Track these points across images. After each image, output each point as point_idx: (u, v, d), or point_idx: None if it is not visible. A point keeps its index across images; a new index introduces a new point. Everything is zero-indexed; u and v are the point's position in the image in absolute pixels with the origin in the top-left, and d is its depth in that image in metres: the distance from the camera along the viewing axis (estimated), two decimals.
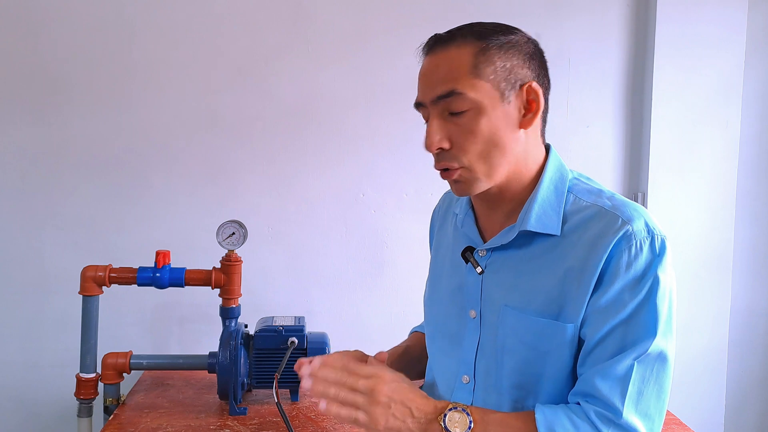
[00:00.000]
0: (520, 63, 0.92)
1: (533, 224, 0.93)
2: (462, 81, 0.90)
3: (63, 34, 1.95)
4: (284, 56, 2.01)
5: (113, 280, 1.53)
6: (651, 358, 0.88)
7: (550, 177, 0.96)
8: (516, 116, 0.92)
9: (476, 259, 1.00)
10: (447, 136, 0.92)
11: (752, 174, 2.16)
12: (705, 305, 2.11)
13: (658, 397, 0.89)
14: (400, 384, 0.89)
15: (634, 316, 0.88)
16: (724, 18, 2.04)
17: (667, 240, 0.91)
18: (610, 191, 0.96)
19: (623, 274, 0.88)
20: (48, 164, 1.98)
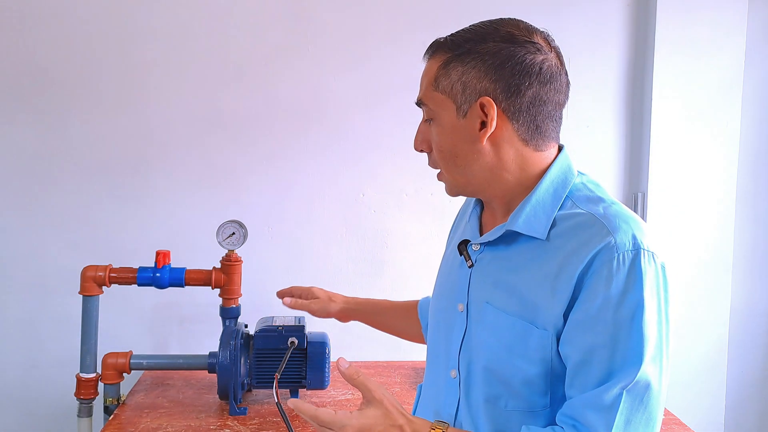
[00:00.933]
0: (479, 76, 0.90)
1: (520, 225, 0.92)
2: (427, 92, 0.95)
3: (63, 35, 1.95)
4: (284, 56, 2.01)
5: (113, 280, 1.53)
6: (639, 387, 0.85)
7: (551, 180, 0.94)
8: (476, 130, 0.91)
9: (469, 252, 1.00)
10: (427, 141, 0.98)
11: (752, 174, 2.16)
12: (705, 305, 2.11)
13: (647, 426, 0.86)
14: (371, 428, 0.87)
15: (618, 340, 0.85)
16: (724, 18, 2.04)
17: (658, 257, 0.87)
18: (611, 200, 0.93)
19: (603, 289, 0.84)
20: (48, 164, 1.98)
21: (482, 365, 0.95)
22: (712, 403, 2.14)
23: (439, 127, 0.94)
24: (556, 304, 0.88)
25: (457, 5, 2.04)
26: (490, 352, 0.94)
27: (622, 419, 0.84)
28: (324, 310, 1.39)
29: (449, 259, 1.10)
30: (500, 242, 0.97)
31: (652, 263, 0.86)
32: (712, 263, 2.11)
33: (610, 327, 0.85)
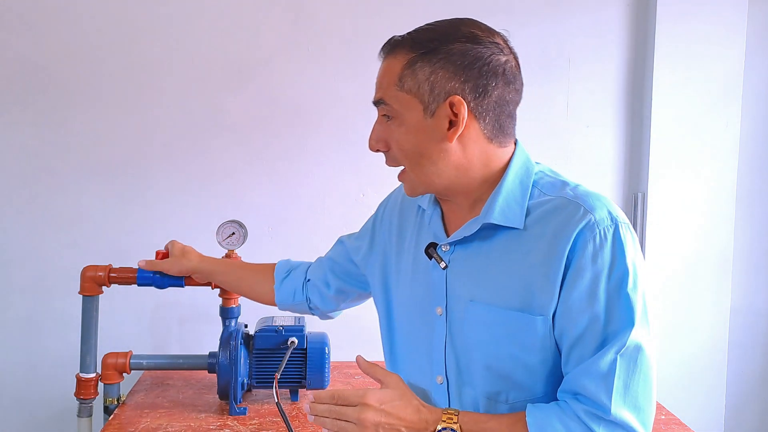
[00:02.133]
0: (447, 75, 0.91)
1: (496, 217, 0.93)
2: (388, 91, 0.94)
3: (63, 35, 1.95)
4: (284, 56, 2.01)
5: (113, 280, 1.52)
6: (632, 350, 0.88)
7: (515, 172, 0.96)
8: (444, 129, 0.92)
9: (439, 254, 1.00)
10: (384, 140, 0.97)
11: (752, 174, 2.16)
12: (705, 305, 2.11)
13: (644, 387, 0.89)
14: (389, 404, 0.91)
15: (610, 309, 0.88)
16: (724, 18, 2.04)
17: (630, 226, 0.91)
18: (574, 183, 0.96)
19: (590, 265, 0.88)
20: (48, 164, 1.98)
21: (481, 364, 0.95)
22: (712, 403, 2.14)
23: (403, 127, 0.93)
24: (549, 288, 0.90)
25: (458, 6, 2.04)
26: (488, 349, 0.94)
27: (621, 383, 0.87)
28: (177, 266, 1.40)
29: (409, 264, 1.08)
30: (474, 238, 0.97)
31: (628, 233, 0.90)
32: (712, 263, 2.11)
33: (602, 300, 0.88)
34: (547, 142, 2.07)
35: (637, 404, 0.88)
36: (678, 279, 2.10)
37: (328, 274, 1.30)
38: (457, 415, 0.91)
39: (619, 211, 0.92)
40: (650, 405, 0.90)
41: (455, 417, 0.91)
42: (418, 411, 0.92)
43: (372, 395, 0.91)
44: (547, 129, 2.08)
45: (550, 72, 2.06)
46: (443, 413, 0.91)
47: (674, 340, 2.11)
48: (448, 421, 0.90)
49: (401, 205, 1.15)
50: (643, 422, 0.89)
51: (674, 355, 2.11)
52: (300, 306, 1.36)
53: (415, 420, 0.91)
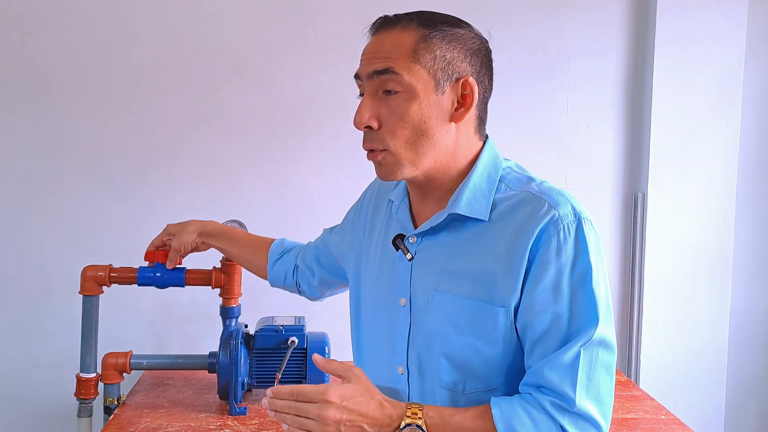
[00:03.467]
0: (460, 56, 0.92)
1: (463, 208, 0.94)
2: (399, 62, 0.90)
3: (63, 34, 1.95)
4: (284, 56, 2.01)
5: (113, 280, 1.52)
6: (595, 344, 0.89)
7: (484, 165, 0.97)
8: (448, 108, 0.93)
9: (406, 246, 1.00)
10: (376, 116, 0.93)
11: (752, 174, 2.16)
12: (705, 305, 2.11)
13: (606, 380, 0.90)
14: (351, 401, 0.88)
15: (574, 304, 0.89)
16: (724, 18, 2.04)
17: (593, 224, 0.92)
18: (540, 179, 0.97)
19: (555, 259, 0.89)
20: (48, 164, 1.98)
21: (439, 353, 0.95)
22: (712, 403, 2.14)
23: (412, 101, 0.91)
24: (512, 280, 0.90)
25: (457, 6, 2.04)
26: (448, 339, 0.95)
27: (584, 376, 0.88)
28: (181, 242, 1.40)
29: (374, 254, 1.08)
30: (441, 230, 0.98)
31: (591, 230, 0.91)
32: (712, 263, 2.11)
33: (566, 295, 0.89)
34: (547, 142, 2.07)
35: (599, 397, 0.89)
36: (678, 279, 2.10)
37: (313, 263, 1.33)
38: (421, 409, 0.89)
39: (583, 207, 0.93)
40: (610, 398, 0.91)
41: (419, 412, 0.89)
42: (381, 406, 0.89)
43: (333, 391, 0.88)
44: (547, 129, 2.08)
45: (550, 72, 2.06)
46: (407, 408, 0.89)
47: (674, 340, 2.11)
48: (413, 417, 0.88)
49: (376, 198, 1.16)
50: (604, 414, 0.90)
51: (674, 355, 2.11)
52: (290, 288, 1.41)
53: (377, 416, 0.88)
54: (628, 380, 1.79)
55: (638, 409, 1.58)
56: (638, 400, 1.64)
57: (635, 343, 2.11)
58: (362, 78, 0.94)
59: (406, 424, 0.88)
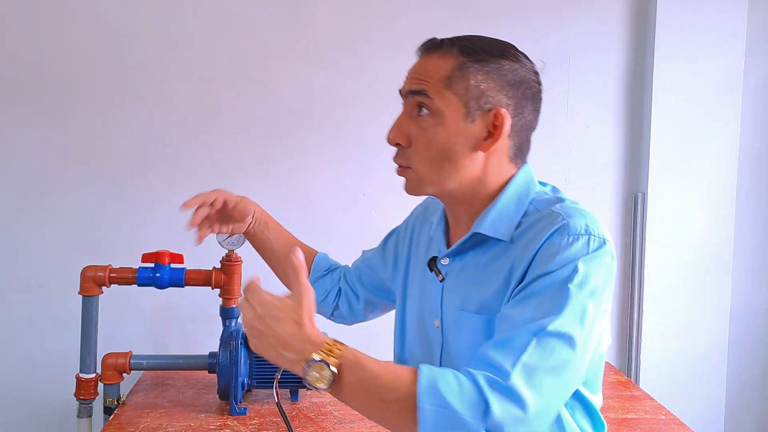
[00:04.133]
0: (496, 87, 0.93)
1: (486, 227, 0.95)
2: (433, 86, 0.93)
3: (63, 35, 1.95)
4: (284, 56, 2.01)
5: (113, 280, 1.52)
6: (553, 336, 0.81)
7: (514, 189, 0.97)
8: (477, 137, 0.93)
9: (439, 267, 1.02)
10: (407, 134, 0.96)
11: (752, 174, 2.16)
12: (705, 305, 2.11)
13: (555, 378, 0.81)
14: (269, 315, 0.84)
15: (546, 295, 0.84)
16: (724, 18, 2.04)
17: (609, 245, 0.88)
18: (571, 201, 0.95)
19: (548, 259, 0.86)
20: (48, 164, 1.98)
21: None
22: (712, 403, 2.14)
23: (439, 126, 0.93)
24: (509, 290, 0.90)
25: (458, 5, 2.04)
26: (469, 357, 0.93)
27: (531, 363, 0.80)
28: (241, 202, 1.27)
29: (417, 278, 1.09)
30: (468, 251, 0.98)
31: (602, 248, 0.87)
32: (712, 263, 2.11)
33: (542, 285, 0.85)
34: (547, 142, 2.07)
35: (540, 389, 0.80)
36: (678, 279, 2.10)
37: (356, 285, 1.29)
38: (340, 349, 0.83)
39: (602, 230, 0.89)
40: (554, 398, 0.82)
41: (337, 350, 0.82)
42: (297, 333, 0.83)
43: (258, 297, 0.85)
44: (547, 129, 2.07)
45: (550, 72, 2.06)
46: (325, 343, 0.82)
47: (674, 340, 2.11)
48: (327, 353, 0.81)
49: (421, 220, 1.18)
50: (537, 406, 0.79)
51: (674, 355, 2.11)
52: (323, 309, 1.32)
53: (287, 339, 0.83)
54: (628, 380, 1.79)
55: (638, 409, 1.58)
56: (638, 400, 1.64)
57: (635, 343, 2.11)
58: (403, 95, 0.98)
59: (314, 359, 0.81)
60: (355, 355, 0.83)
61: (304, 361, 0.81)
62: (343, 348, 0.83)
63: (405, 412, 0.79)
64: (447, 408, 0.77)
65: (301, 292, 0.86)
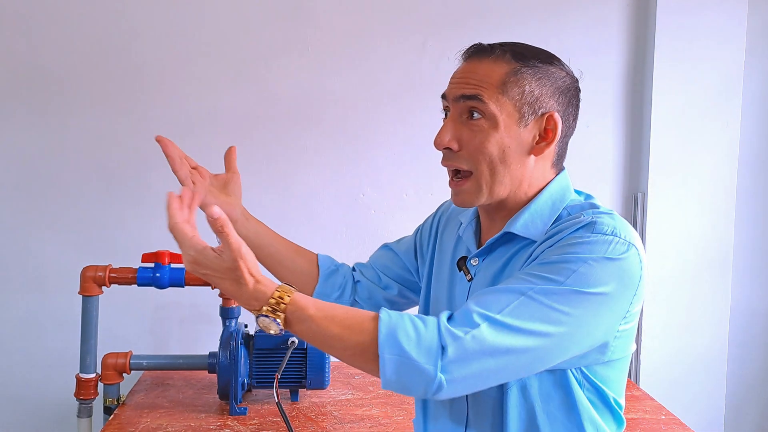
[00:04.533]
0: (548, 93, 0.94)
1: (518, 228, 0.95)
2: (488, 91, 0.92)
3: (62, 34, 1.95)
4: (284, 56, 2.01)
5: (113, 280, 1.53)
6: (536, 303, 0.82)
7: (550, 194, 0.97)
8: (529, 141, 0.94)
9: (468, 267, 1.01)
10: (457, 139, 0.94)
11: (752, 174, 2.16)
12: (705, 305, 2.11)
13: (518, 339, 0.81)
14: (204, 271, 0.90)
15: (550, 268, 0.85)
16: (725, 18, 2.04)
17: (635, 251, 0.86)
18: (606, 209, 0.94)
19: (567, 246, 0.86)
20: (48, 164, 1.98)
21: None
22: (712, 403, 2.14)
23: (494, 131, 0.92)
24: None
25: (458, 5, 2.04)
26: None
27: (501, 319, 0.82)
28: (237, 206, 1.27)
29: (445, 277, 1.09)
30: (497, 251, 0.98)
31: (625, 253, 0.86)
32: (712, 263, 2.11)
33: (549, 265, 0.85)
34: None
35: (497, 337, 0.81)
36: (678, 279, 2.10)
37: (387, 280, 1.25)
38: (287, 302, 0.84)
39: (633, 237, 0.88)
40: (506, 356, 0.82)
41: (283, 305, 0.84)
42: (238, 291, 0.86)
43: (195, 255, 0.92)
44: None
45: None
46: (271, 297, 0.84)
47: (674, 340, 2.11)
48: (273, 307, 0.84)
49: (447, 218, 1.17)
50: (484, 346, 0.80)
51: (674, 355, 2.11)
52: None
53: (232, 293, 0.87)
54: (628, 380, 1.79)
55: (638, 409, 1.58)
56: (638, 400, 1.64)
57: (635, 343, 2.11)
58: (448, 99, 0.96)
59: (261, 313, 0.84)
60: (303, 306, 0.85)
61: (252, 311, 0.86)
62: (290, 300, 0.84)
63: (365, 357, 0.83)
64: (405, 356, 0.80)
65: (234, 250, 0.87)
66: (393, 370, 0.81)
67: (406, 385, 0.82)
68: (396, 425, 1.48)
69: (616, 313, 0.87)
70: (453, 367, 0.80)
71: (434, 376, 0.80)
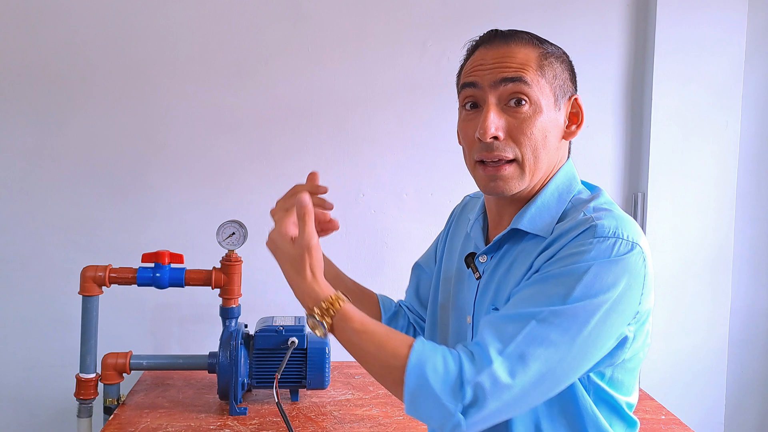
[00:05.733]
0: (568, 76, 0.96)
1: (525, 224, 0.94)
2: (530, 73, 0.90)
3: (63, 34, 1.95)
4: (284, 56, 2.01)
5: (113, 280, 1.52)
6: (547, 326, 0.81)
7: (557, 185, 0.96)
8: (562, 126, 0.95)
9: (476, 264, 1.00)
10: (503, 127, 0.91)
11: (752, 174, 2.16)
12: (705, 305, 2.11)
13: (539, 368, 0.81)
14: (277, 251, 0.94)
15: (553, 284, 0.84)
16: (724, 19, 2.04)
17: (639, 250, 0.85)
18: (609, 202, 0.94)
19: (569, 257, 0.85)
20: (48, 164, 1.98)
21: None
22: (712, 403, 2.14)
23: (538, 115, 0.91)
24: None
25: (457, 6, 2.04)
26: None
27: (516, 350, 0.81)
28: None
29: (453, 272, 1.08)
30: (504, 247, 0.97)
31: (629, 252, 0.85)
32: (712, 263, 2.11)
33: (553, 280, 0.85)
34: None
35: (523, 376, 0.80)
36: (678, 279, 2.10)
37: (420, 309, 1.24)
38: (337, 309, 0.87)
39: (636, 234, 0.87)
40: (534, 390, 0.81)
41: (331, 312, 0.87)
42: (297, 282, 0.90)
43: (273, 232, 0.97)
44: None
45: None
46: (323, 300, 0.88)
47: (674, 340, 2.11)
48: (323, 311, 0.87)
49: (459, 218, 1.17)
50: (515, 395, 0.80)
51: (674, 355, 2.11)
52: None
53: (290, 280, 0.91)
54: None
55: (638, 409, 1.57)
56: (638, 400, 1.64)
57: None
58: (482, 86, 0.92)
59: (311, 313, 0.88)
60: (350, 317, 0.87)
61: (305, 308, 0.89)
62: (340, 308, 0.87)
63: (393, 378, 0.84)
64: (429, 389, 0.81)
65: (305, 243, 0.90)
66: (414, 398, 0.82)
67: (424, 416, 0.83)
68: (396, 425, 1.48)
69: (626, 314, 0.86)
70: (472, 408, 0.81)
71: (453, 414, 0.81)
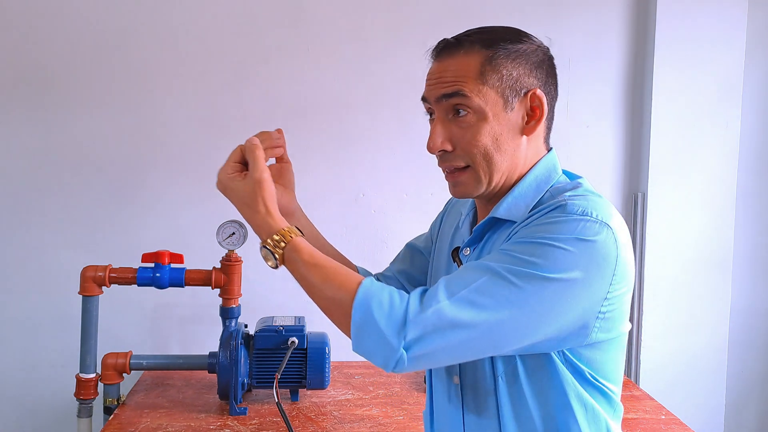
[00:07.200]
0: (526, 71, 0.94)
1: (501, 212, 0.95)
2: (468, 85, 0.91)
3: (62, 34, 1.95)
4: (284, 56, 2.01)
5: (113, 280, 1.53)
6: (501, 279, 0.82)
7: (536, 176, 0.97)
8: (519, 123, 0.94)
9: (461, 258, 1.01)
10: (449, 139, 0.94)
11: (752, 174, 2.16)
12: (705, 305, 2.11)
13: (478, 314, 0.82)
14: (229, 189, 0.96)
15: (517, 251, 0.84)
16: (725, 18, 2.04)
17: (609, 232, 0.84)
18: (589, 191, 0.93)
19: (535, 229, 0.86)
20: (48, 164, 1.98)
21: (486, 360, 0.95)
22: (712, 403, 2.14)
23: (483, 122, 0.91)
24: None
25: (457, 5, 2.04)
26: None
27: (466, 295, 0.82)
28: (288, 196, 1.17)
29: (443, 266, 1.09)
30: (484, 236, 0.98)
31: (598, 234, 0.84)
32: (712, 263, 2.11)
33: (516, 247, 0.85)
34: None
35: (460, 312, 0.82)
36: (678, 279, 2.10)
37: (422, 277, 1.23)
38: (288, 242, 0.91)
39: (609, 217, 0.86)
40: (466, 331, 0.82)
41: (282, 244, 0.92)
42: (250, 216, 0.94)
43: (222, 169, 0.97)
44: None
45: None
46: (276, 233, 0.92)
47: (674, 340, 2.11)
48: (275, 243, 0.92)
49: (452, 210, 1.17)
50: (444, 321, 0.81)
51: (674, 355, 2.11)
52: None
53: (244, 214, 0.95)
54: (628, 380, 1.79)
55: (638, 409, 1.58)
56: (638, 400, 1.64)
57: (635, 343, 2.11)
58: (430, 101, 0.96)
59: (264, 244, 0.92)
60: (299, 249, 0.91)
61: (260, 240, 0.93)
62: (290, 241, 0.92)
63: (339, 312, 0.87)
64: (373, 324, 0.83)
65: (256, 177, 0.94)
66: (359, 332, 0.84)
67: (369, 351, 0.85)
68: (396, 425, 1.48)
69: (593, 297, 0.85)
70: (414, 344, 0.82)
71: (396, 350, 0.82)
